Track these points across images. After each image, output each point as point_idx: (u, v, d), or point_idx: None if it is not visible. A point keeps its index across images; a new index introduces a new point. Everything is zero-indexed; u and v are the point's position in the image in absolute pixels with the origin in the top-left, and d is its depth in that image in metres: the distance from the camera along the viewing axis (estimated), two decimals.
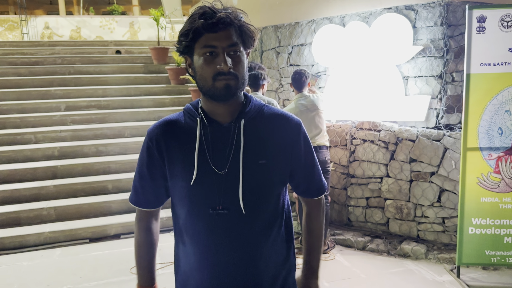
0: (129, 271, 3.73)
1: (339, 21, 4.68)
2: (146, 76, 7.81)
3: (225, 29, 1.17)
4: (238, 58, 1.20)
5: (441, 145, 3.89)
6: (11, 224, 4.57)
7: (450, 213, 3.92)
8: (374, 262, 3.87)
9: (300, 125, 1.33)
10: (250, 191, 1.24)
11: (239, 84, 1.20)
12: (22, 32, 13.96)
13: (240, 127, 1.25)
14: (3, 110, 6.38)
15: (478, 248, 3.43)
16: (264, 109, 1.31)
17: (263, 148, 1.26)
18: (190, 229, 1.28)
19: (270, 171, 1.26)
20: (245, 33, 1.21)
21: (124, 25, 14.73)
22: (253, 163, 1.24)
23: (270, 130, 1.28)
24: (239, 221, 1.24)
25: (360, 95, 4.42)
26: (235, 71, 1.19)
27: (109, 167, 5.48)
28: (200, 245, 1.27)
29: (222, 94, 1.19)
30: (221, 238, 1.25)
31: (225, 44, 1.17)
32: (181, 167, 1.25)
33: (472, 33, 3.27)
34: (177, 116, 1.32)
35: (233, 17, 1.19)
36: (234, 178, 1.23)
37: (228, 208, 1.23)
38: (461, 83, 3.92)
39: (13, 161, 5.43)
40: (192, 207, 1.26)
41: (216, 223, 1.24)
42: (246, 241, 1.26)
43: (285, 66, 5.34)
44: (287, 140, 1.29)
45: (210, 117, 1.27)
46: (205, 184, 1.23)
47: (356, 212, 4.46)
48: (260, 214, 1.27)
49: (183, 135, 1.27)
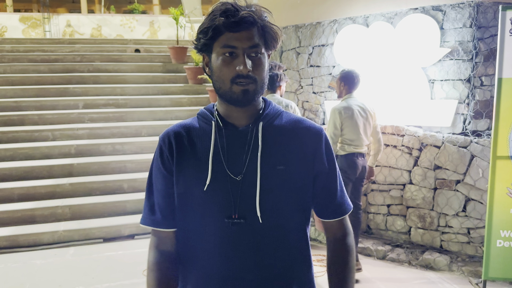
0: (142, 273, 3.66)
1: (362, 21, 4.54)
2: (164, 75, 7.79)
3: (247, 29, 1.09)
4: (259, 61, 1.11)
5: (468, 152, 3.71)
6: (26, 222, 4.56)
7: (476, 224, 3.74)
8: (394, 273, 3.72)
9: (321, 133, 1.22)
10: (268, 199, 1.14)
11: (257, 89, 1.12)
12: (44, 30, 14.15)
13: (258, 130, 1.16)
14: (22, 107, 6.43)
15: (506, 262, 3.25)
16: (283, 114, 1.23)
17: (281, 154, 1.16)
18: (198, 240, 1.17)
19: (289, 177, 1.16)
20: (268, 33, 1.13)
21: (144, 24, 14.80)
22: (271, 169, 1.14)
23: (289, 136, 1.19)
24: (255, 232, 1.14)
25: (384, 98, 4.27)
26: (255, 74, 1.10)
27: (125, 166, 5.45)
28: (210, 258, 1.16)
29: (240, 99, 1.12)
30: (235, 250, 1.14)
31: (246, 45, 1.09)
32: (193, 172, 1.16)
33: (505, 35, 3.10)
34: (191, 121, 1.24)
35: (256, 16, 1.10)
36: (250, 184, 1.13)
37: (245, 217, 1.13)
38: (490, 87, 3.74)
39: (30, 158, 5.45)
40: (205, 215, 1.15)
41: (230, 234, 1.13)
42: (262, 253, 1.15)
43: (305, 67, 5.21)
44: (308, 148, 1.19)
45: (225, 120, 1.19)
46: (220, 190, 1.13)
47: (376, 220, 4.31)
48: (278, 225, 1.16)
49: (197, 138, 1.19)
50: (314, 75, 5.08)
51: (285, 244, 1.18)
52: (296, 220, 1.20)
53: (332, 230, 1.27)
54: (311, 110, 5.15)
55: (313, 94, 5.12)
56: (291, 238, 1.20)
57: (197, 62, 7.45)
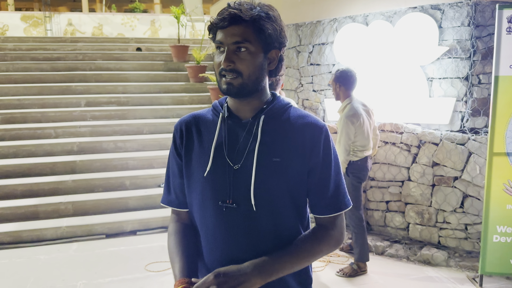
0: (144, 269, 3.72)
1: (362, 20, 4.59)
2: (166, 73, 7.84)
3: (232, 25, 1.15)
4: (243, 56, 1.17)
5: (466, 149, 3.76)
6: (29, 218, 4.62)
7: (474, 220, 3.79)
8: (393, 268, 3.78)
9: (322, 129, 1.24)
10: (262, 188, 1.20)
11: (244, 82, 1.18)
12: (45, 29, 14.20)
13: (259, 123, 1.23)
14: (25, 105, 6.48)
15: (502, 257, 3.31)
16: (290, 110, 1.28)
17: (279, 147, 1.22)
18: (199, 222, 1.29)
19: (284, 170, 1.21)
20: (261, 30, 1.17)
21: (145, 23, 14.84)
22: (267, 160, 1.21)
23: (290, 130, 1.24)
24: (248, 218, 1.21)
25: (383, 96, 4.32)
26: (238, 68, 1.17)
27: (127, 163, 5.50)
28: (207, 238, 1.26)
29: (225, 91, 1.20)
30: (229, 233, 1.22)
31: (230, 41, 1.16)
32: (197, 158, 1.27)
33: (502, 33, 3.15)
34: (205, 112, 1.34)
35: (245, 14, 1.15)
36: (247, 173, 1.21)
37: (238, 203, 1.21)
38: (487, 85, 3.79)
39: (33, 155, 5.50)
40: (203, 198, 1.25)
41: (224, 217, 1.22)
42: (254, 240, 1.22)
43: (305, 65, 5.26)
44: (307, 142, 1.22)
45: (233, 112, 1.28)
46: (218, 177, 1.23)
47: (375, 216, 4.37)
48: (271, 213, 1.22)
49: (205, 128, 1.29)
50: (314, 73, 5.13)
51: (277, 233, 1.23)
52: (289, 212, 1.24)
53: (322, 223, 1.28)
54: (311, 108, 5.20)
55: (313, 92, 5.17)
56: (284, 228, 1.24)
57: (198, 61, 7.50)
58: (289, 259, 1.19)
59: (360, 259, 3.62)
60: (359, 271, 3.61)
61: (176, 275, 1.22)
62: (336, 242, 1.27)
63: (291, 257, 1.20)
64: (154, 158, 5.59)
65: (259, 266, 1.15)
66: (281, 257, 1.18)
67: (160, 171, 5.37)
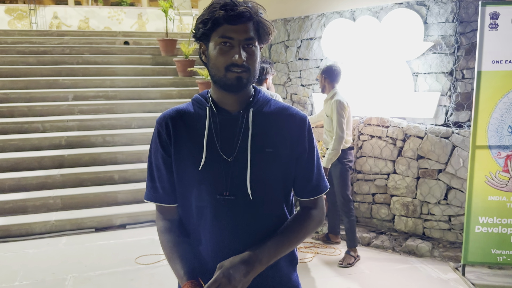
0: (134, 261, 3.75)
1: (349, 16, 4.65)
2: (154, 67, 7.82)
3: (244, 22, 1.20)
4: (252, 52, 1.22)
5: (450, 142, 3.86)
6: (18, 212, 4.61)
7: (457, 211, 3.89)
8: (378, 259, 3.87)
9: (305, 120, 1.34)
10: (257, 177, 1.26)
11: (250, 77, 1.23)
12: (30, 22, 13.98)
13: (249, 116, 1.28)
14: (12, 99, 6.42)
15: (484, 247, 3.41)
16: (271, 102, 1.35)
17: (270, 137, 1.28)
18: (195, 214, 1.30)
19: (277, 159, 1.28)
20: (262, 29, 1.24)
21: (133, 16, 14.71)
22: (260, 151, 1.26)
23: (276, 121, 1.31)
24: (246, 207, 1.26)
25: (369, 91, 4.39)
26: (249, 64, 1.21)
27: (116, 157, 5.51)
28: (205, 230, 1.29)
29: (234, 85, 1.22)
30: (226, 223, 1.27)
31: (242, 37, 1.20)
32: (189, 153, 1.28)
33: (485, 29, 3.23)
34: (186, 106, 1.35)
35: (253, 12, 1.21)
36: (241, 164, 1.25)
37: (235, 194, 1.25)
38: (471, 80, 3.88)
39: (20, 149, 5.47)
40: (200, 192, 1.27)
41: (222, 209, 1.26)
42: (251, 227, 1.28)
43: (293, 60, 5.31)
44: (293, 133, 1.31)
45: (219, 106, 1.30)
46: (213, 170, 1.26)
47: (361, 208, 4.45)
48: (266, 201, 1.29)
49: (192, 122, 1.30)
50: (302, 68, 5.18)
51: (271, 218, 1.31)
52: (281, 198, 1.34)
53: (306, 205, 1.39)
54: (300, 102, 5.25)
55: (301, 86, 5.22)
56: (277, 213, 1.33)
57: (187, 55, 7.49)
58: (285, 242, 1.27)
59: (353, 245, 3.80)
60: (356, 257, 3.78)
61: (183, 277, 1.22)
62: (319, 221, 1.38)
63: (286, 239, 1.27)
64: (143, 152, 5.60)
65: (260, 253, 1.20)
66: (277, 241, 1.25)
67: None
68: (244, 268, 1.15)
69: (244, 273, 1.15)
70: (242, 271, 1.15)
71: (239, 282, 1.13)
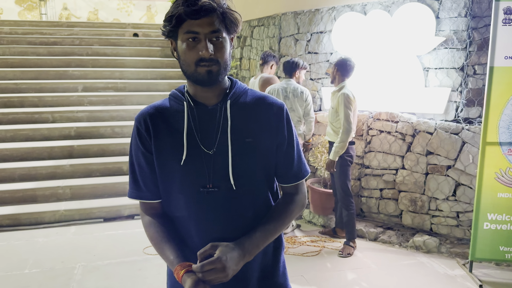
0: (142, 251, 3.78)
1: (360, 9, 4.61)
2: (163, 60, 7.83)
3: (207, 15, 1.19)
4: (220, 44, 1.21)
5: (459, 138, 3.83)
6: (28, 201, 4.66)
7: (465, 208, 3.88)
8: (385, 254, 3.87)
9: (283, 108, 1.35)
10: (239, 168, 1.27)
11: (221, 70, 1.23)
12: (40, 13, 14.03)
13: (227, 108, 1.29)
14: (22, 89, 6.47)
15: (492, 244, 3.40)
16: (248, 92, 1.35)
17: (249, 127, 1.29)
18: (179, 208, 1.31)
19: (257, 148, 1.30)
20: (228, 19, 1.22)
21: (142, 8, 14.70)
22: (240, 142, 1.27)
23: (254, 111, 1.32)
24: (229, 198, 1.28)
25: (379, 85, 4.37)
26: (217, 57, 1.21)
27: (125, 148, 5.54)
28: (190, 223, 1.30)
29: (205, 80, 1.22)
30: (211, 215, 1.28)
31: (207, 30, 1.19)
32: (170, 148, 1.28)
33: (498, 25, 3.20)
34: (163, 102, 1.35)
35: (216, 3, 1.20)
36: (223, 156, 1.27)
37: (218, 186, 1.27)
38: (482, 76, 3.84)
39: (30, 139, 5.52)
40: (182, 186, 1.28)
41: (206, 201, 1.27)
42: (236, 217, 1.29)
43: (303, 53, 5.29)
44: (272, 121, 1.32)
45: (196, 100, 1.30)
46: (195, 164, 1.26)
47: (369, 203, 4.45)
48: (249, 190, 1.31)
49: (170, 118, 1.30)
50: (312, 62, 5.16)
51: (256, 206, 1.33)
52: (264, 186, 1.36)
53: (288, 191, 1.42)
54: None
55: (311, 80, 5.21)
56: (260, 201, 1.35)
57: None
58: (271, 230, 1.30)
59: (352, 237, 3.86)
60: (355, 247, 3.87)
61: (173, 261, 1.23)
62: (302, 205, 1.41)
63: (272, 227, 1.30)
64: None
65: (249, 245, 1.23)
66: (264, 229, 1.29)
67: None
68: (236, 257, 1.18)
69: (236, 263, 1.18)
70: (235, 260, 1.17)
71: (232, 270, 1.16)
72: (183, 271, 1.18)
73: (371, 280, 3.40)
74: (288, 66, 4.11)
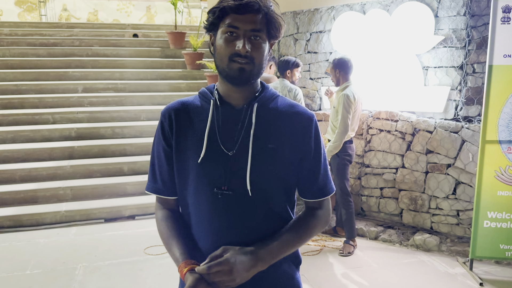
0: (143, 252, 3.79)
1: (359, 9, 4.62)
2: (163, 60, 7.84)
3: (251, 13, 1.17)
4: (258, 44, 1.19)
5: (459, 137, 3.84)
6: (29, 202, 4.67)
7: (465, 206, 3.88)
8: (386, 252, 3.87)
9: (313, 119, 1.30)
10: (257, 174, 1.22)
11: (254, 70, 1.20)
12: (40, 14, 14.04)
13: (253, 110, 1.25)
14: (22, 90, 6.48)
15: (492, 242, 3.40)
16: (278, 98, 1.31)
17: (273, 133, 1.25)
18: (193, 207, 1.28)
19: (278, 156, 1.25)
20: (271, 22, 1.20)
21: (141, 9, 14.71)
22: (262, 147, 1.23)
23: (281, 118, 1.27)
24: (244, 204, 1.23)
25: (378, 84, 4.37)
26: (253, 55, 1.18)
27: (125, 149, 5.55)
28: (202, 224, 1.27)
29: (236, 77, 1.19)
30: (224, 219, 1.24)
31: (248, 27, 1.17)
32: (190, 145, 1.26)
33: (497, 23, 3.20)
34: (192, 99, 1.33)
35: (262, 4, 1.18)
36: (242, 159, 1.22)
37: (234, 190, 1.22)
38: (482, 74, 3.85)
39: (31, 140, 5.53)
40: (197, 185, 1.25)
41: (219, 203, 1.23)
42: (249, 224, 1.24)
43: (302, 53, 5.30)
44: (299, 131, 1.27)
45: (224, 100, 1.27)
46: (212, 163, 1.23)
47: (369, 202, 4.45)
48: (265, 198, 1.25)
49: (195, 115, 1.28)
50: (312, 61, 5.17)
51: (270, 217, 1.27)
52: (281, 197, 1.30)
53: (311, 205, 1.36)
54: (308, 96, 5.25)
55: (310, 80, 5.21)
56: (276, 212, 1.29)
57: (195, 48, 7.50)
58: (289, 242, 1.24)
59: (352, 236, 3.87)
60: (355, 246, 3.87)
61: (178, 258, 1.20)
62: (325, 221, 1.35)
63: (290, 240, 1.25)
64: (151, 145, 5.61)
65: (264, 253, 1.18)
66: (282, 241, 1.23)
67: None
68: (247, 263, 1.14)
69: (247, 268, 1.13)
70: (245, 266, 1.13)
71: (240, 276, 1.11)
72: (187, 268, 1.15)
73: (372, 279, 3.40)
74: (280, 66, 4.11)
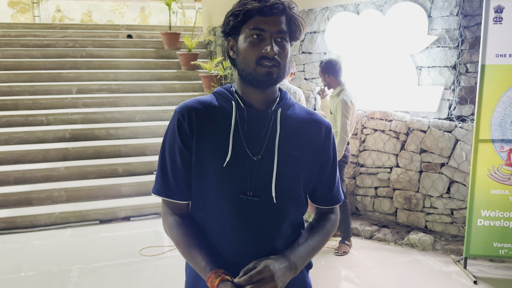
0: (139, 253, 3.79)
1: (353, 9, 4.64)
2: (157, 61, 7.83)
3: (276, 15, 1.16)
4: (283, 47, 1.17)
5: (453, 136, 3.87)
6: (23, 204, 4.65)
7: (459, 205, 3.91)
8: (381, 251, 3.89)
9: (331, 130, 1.31)
10: (283, 180, 1.21)
11: (280, 73, 1.18)
12: (33, 15, 13.96)
13: (277, 115, 1.23)
14: (16, 92, 6.45)
15: (486, 240, 3.43)
16: (295, 105, 1.31)
17: (296, 140, 1.24)
18: (214, 212, 1.22)
19: (302, 164, 1.25)
20: (294, 23, 1.19)
21: (135, 10, 14.68)
22: (287, 153, 1.22)
23: (302, 126, 1.27)
24: (268, 210, 1.21)
25: (372, 84, 4.39)
26: (280, 58, 1.16)
27: (120, 150, 5.54)
28: (224, 230, 1.21)
29: (263, 81, 1.17)
30: (247, 225, 1.20)
31: (275, 29, 1.15)
32: (213, 148, 1.20)
33: (489, 23, 3.23)
34: (209, 99, 1.26)
35: (286, 5, 1.17)
36: (267, 165, 1.20)
37: (259, 196, 1.19)
38: (475, 74, 3.88)
39: (25, 142, 5.51)
40: (220, 190, 1.20)
41: (243, 209, 1.19)
42: (271, 232, 1.22)
43: (297, 53, 5.31)
44: (319, 139, 1.28)
45: (246, 102, 1.24)
46: (238, 168, 1.19)
47: (364, 202, 4.47)
48: (288, 205, 1.25)
49: (217, 116, 1.22)
50: (306, 62, 5.18)
51: (290, 223, 1.28)
52: (301, 203, 1.31)
53: (323, 211, 1.40)
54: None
55: (305, 80, 5.23)
56: (295, 219, 1.29)
57: (190, 48, 7.50)
58: (315, 244, 1.27)
59: (347, 236, 3.88)
60: (350, 246, 3.89)
61: (205, 268, 1.14)
62: (336, 224, 1.40)
63: (315, 242, 1.27)
64: (146, 146, 5.63)
65: (295, 258, 1.18)
66: (308, 246, 1.24)
67: (153, 158, 5.41)
68: (284, 267, 1.13)
69: (285, 274, 1.13)
70: (283, 270, 1.12)
71: (281, 281, 1.11)
72: (218, 279, 1.10)
73: (367, 278, 3.42)
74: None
